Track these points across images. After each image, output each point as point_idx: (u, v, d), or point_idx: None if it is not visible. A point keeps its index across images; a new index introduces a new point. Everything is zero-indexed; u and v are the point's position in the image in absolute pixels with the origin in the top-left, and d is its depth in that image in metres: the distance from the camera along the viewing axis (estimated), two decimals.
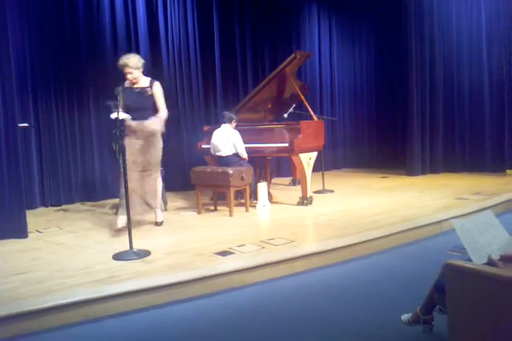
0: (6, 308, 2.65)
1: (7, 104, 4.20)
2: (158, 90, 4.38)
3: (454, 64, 7.62)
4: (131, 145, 4.23)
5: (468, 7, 7.48)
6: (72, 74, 6.13)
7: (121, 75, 4.37)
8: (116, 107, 3.74)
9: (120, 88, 3.98)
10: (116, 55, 6.40)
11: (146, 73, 4.49)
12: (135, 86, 4.38)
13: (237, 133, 5.35)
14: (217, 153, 5.42)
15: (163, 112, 4.36)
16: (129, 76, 4.29)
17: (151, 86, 4.37)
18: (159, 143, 4.45)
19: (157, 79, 4.43)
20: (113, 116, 3.88)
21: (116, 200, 5.75)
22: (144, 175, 4.37)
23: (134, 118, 4.23)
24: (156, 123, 4.28)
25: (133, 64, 4.25)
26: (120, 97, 3.86)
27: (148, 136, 4.31)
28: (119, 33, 6.47)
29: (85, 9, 6.18)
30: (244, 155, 5.36)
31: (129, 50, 6.50)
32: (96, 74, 6.27)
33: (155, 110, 4.37)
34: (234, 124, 5.48)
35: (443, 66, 7.65)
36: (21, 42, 5.68)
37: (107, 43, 6.37)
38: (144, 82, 4.41)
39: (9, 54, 4.19)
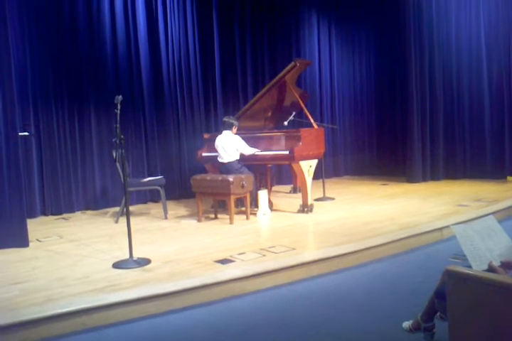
0: (5, 317, 2.63)
1: (7, 112, 4.21)
2: None
3: (454, 71, 7.65)
4: None
5: (467, 14, 7.54)
6: (73, 83, 6.15)
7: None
8: None
9: (120, 96, 3.65)
10: (117, 63, 6.46)
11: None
12: None
13: (237, 137, 5.36)
14: (219, 160, 5.44)
15: None
16: None
17: None
18: None
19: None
20: None
21: (117, 208, 5.77)
22: None
23: None
24: None
25: None
26: (119, 106, 3.62)
27: None
28: (119, 42, 6.50)
29: (85, 17, 6.22)
30: (252, 151, 5.40)
31: (129, 57, 6.58)
32: (96, 82, 6.30)
33: None
34: (235, 130, 5.49)
35: (443, 73, 7.69)
36: (22, 51, 5.72)
37: (107, 51, 6.40)
38: None
39: (10, 63, 4.21)
